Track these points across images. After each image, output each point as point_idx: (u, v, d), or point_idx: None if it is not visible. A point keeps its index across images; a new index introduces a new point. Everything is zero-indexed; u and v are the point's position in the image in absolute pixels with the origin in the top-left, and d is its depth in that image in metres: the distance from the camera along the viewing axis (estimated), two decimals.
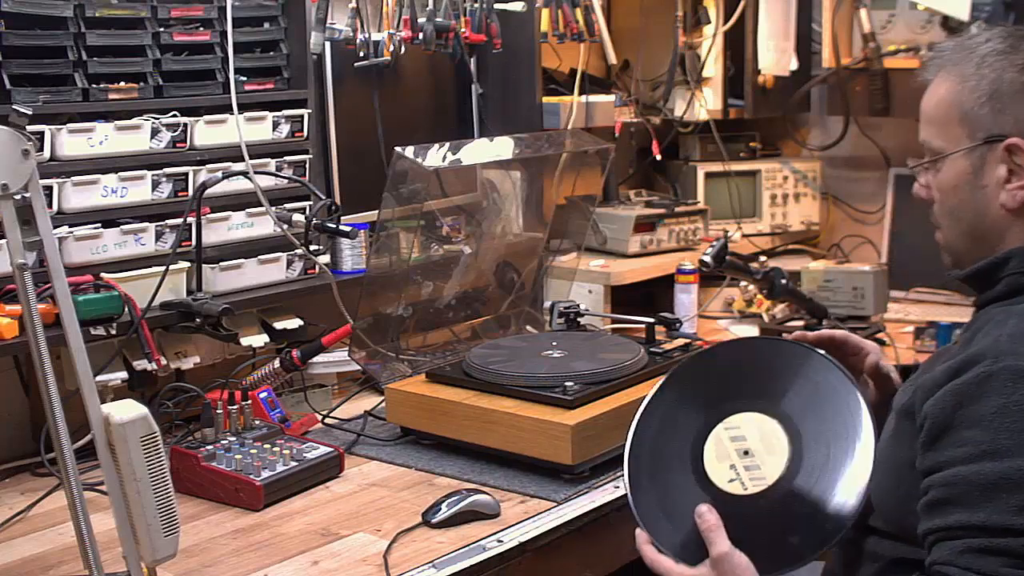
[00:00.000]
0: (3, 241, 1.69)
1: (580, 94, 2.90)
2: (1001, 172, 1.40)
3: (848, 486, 1.43)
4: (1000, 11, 2.89)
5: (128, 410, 1.34)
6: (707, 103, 3.26)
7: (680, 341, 2.20)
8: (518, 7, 2.69)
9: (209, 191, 2.12)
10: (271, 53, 2.34)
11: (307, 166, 2.34)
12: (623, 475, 1.55)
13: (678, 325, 2.37)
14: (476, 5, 2.59)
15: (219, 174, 2.14)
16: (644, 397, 1.62)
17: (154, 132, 2.09)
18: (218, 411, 1.92)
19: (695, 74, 3.22)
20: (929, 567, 1.30)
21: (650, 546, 1.48)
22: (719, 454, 1.52)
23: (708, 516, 1.45)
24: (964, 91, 1.41)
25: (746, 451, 1.51)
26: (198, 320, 2.07)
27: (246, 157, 2.19)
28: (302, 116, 2.32)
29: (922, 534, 1.32)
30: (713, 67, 3.28)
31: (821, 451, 1.47)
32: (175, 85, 2.17)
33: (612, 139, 2.93)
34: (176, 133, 2.12)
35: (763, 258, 3.19)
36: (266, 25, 2.32)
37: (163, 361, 2.08)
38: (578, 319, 2.46)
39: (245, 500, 1.79)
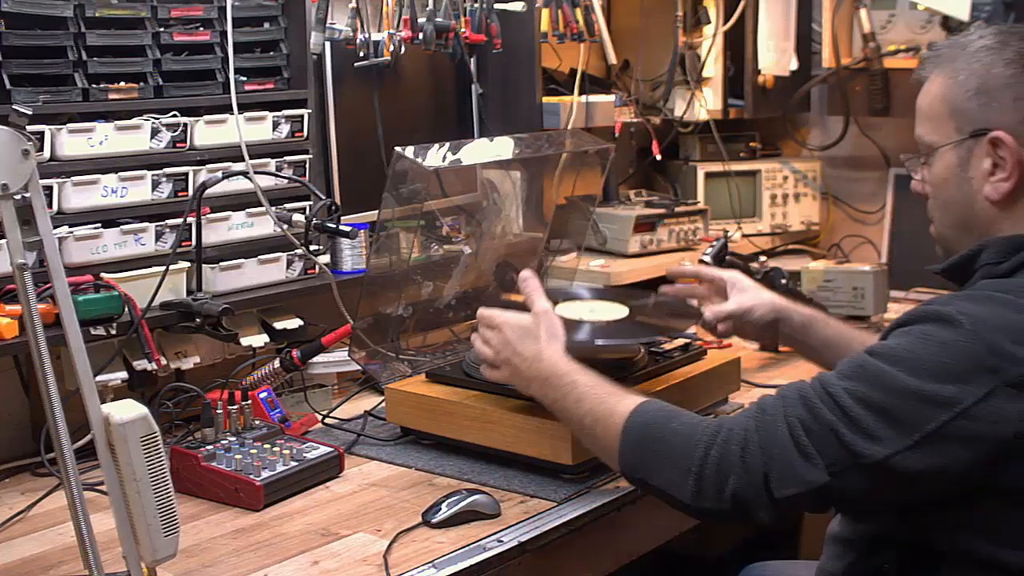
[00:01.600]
0: (3, 241, 1.69)
1: (580, 94, 2.90)
2: (986, 165, 1.43)
3: None
4: (1000, 11, 2.89)
5: (128, 410, 1.34)
6: (707, 103, 3.26)
7: (680, 341, 2.20)
8: (518, 7, 2.69)
9: (209, 191, 2.12)
10: (271, 53, 2.34)
11: (307, 166, 2.34)
12: None
13: None
14: (476, 5, 2.59)
15: (219, 174, 2.14)
16: None
17: (154, 132, 2.09)
18: (218, 411, 1.92)
19: (695, 74, 3.22)
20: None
21: (484, 307, 1.80)
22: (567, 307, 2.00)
23: (531, 280, 1.79)
24: (954, 86, 1.45)
25: (591, 309, 1.98)
26: (198, 320, 2.07)
27: (246, 157, 2.19)
28: (302, 116, 2.32)
29: None
30: (713, 67, 3.28)
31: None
32: (175, 85, 2.17)
33: (612, 139, 2.93)
34: (176, 133, 2.12)
35: (763, 258, 3.20)
36: (266, 25, 2.32)
37: (163, 361, 2.07)
38: None
39: (245, 500, 1.79)
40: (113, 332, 1.97)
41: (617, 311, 2.02)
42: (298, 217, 2.23)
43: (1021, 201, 1.43)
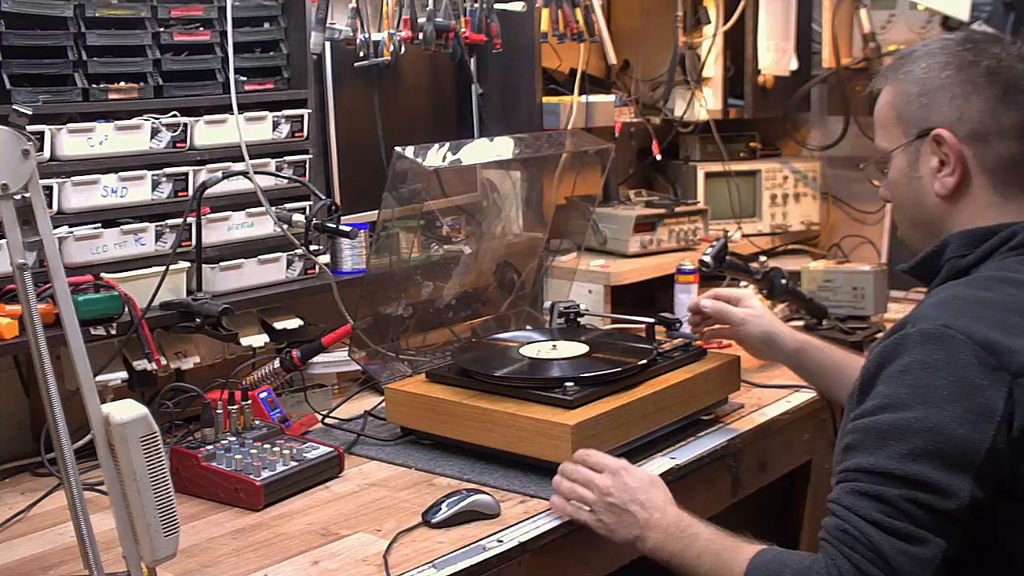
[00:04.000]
0: (3, 241, 1.69)
1: (580, 94, 2.90)
2: (933, 163, 1.51)
3: None
4: (1000, 11, 2.89)
5: (128, 410, 1.34)
6: (707, 103, 3.26)
7: (680, 341, 2.20)
8: (518, 7, 2.69)
9: (209, 191, 2.12)
10: (271, 53, 2.34)
11: (307, 166, 2.34)
12: None
13: (678, 325, 2.37)
14: (476, 5, 2.59)
15: (219, 174, 2.14)
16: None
17: (154, 132, 2.09)
18: (218, 411, 1.92)
19: (695, 74, 3.21)
20: (826, 503, 1.41)
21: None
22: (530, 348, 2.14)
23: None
24: (899, 93, 1.55)
25: (554, 346, 2.14)
26: (198, 320, 2.07)
27: (246, 157, 2.19)
28: (302, 116, 2.32)
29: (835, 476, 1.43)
30: (713, 67, 3.28)
31: None
32: (175, 85, 2.17)
33: (612, 139, 2.93)
34: (176, 133, 2.12)
35: (763, 258, 3.20)
36: (266, 25, 2.32)
37: (163, 361, 2.07)
38: (578, 319, 2.46)
39: (245, 500, 1.79)
40: (113, 332, 1.97)
41: (578, 348, 2.12)
42: (298, 217, 2.23)
43: (967, 195, 1.49)
